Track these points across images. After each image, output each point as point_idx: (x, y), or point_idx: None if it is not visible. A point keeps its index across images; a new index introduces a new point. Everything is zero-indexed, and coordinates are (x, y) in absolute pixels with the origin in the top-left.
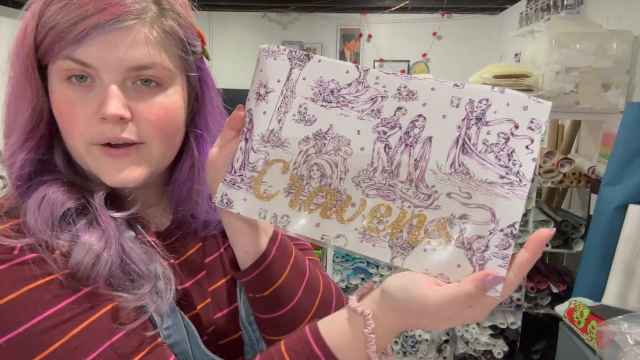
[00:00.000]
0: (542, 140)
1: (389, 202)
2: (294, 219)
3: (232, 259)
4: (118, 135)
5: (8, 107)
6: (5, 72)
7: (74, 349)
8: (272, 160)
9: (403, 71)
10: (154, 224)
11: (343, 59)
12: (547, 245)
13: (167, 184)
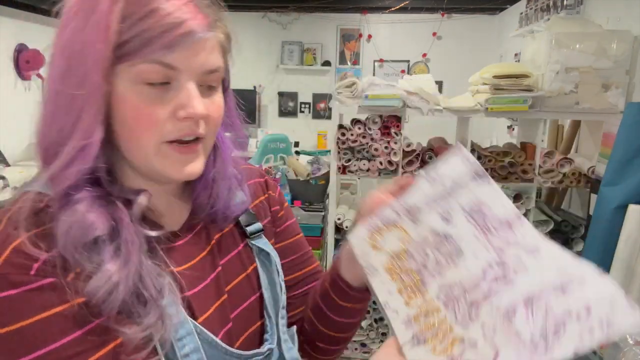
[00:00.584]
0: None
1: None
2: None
3: (332, 272)
4: (196, 131)
5: (56, 110)
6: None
7: None
8: (400, 226)
9: (403, 71)
10: (173, 217)
11: (343, 59)
12: None
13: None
